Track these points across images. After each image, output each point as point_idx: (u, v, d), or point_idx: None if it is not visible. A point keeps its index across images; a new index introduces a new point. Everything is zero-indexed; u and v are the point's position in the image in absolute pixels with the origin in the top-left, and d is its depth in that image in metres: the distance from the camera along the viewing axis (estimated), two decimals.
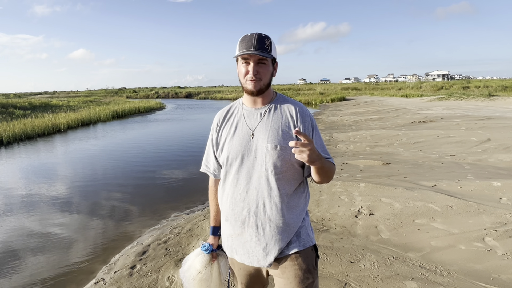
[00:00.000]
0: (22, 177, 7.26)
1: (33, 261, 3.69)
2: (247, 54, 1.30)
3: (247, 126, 1.39)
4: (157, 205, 5.30)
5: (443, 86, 35.68)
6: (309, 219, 1.48)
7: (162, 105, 31.69)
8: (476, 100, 19.73)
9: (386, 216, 3.90)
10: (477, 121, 10.93)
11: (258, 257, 1.37)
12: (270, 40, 1.34)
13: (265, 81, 1.34)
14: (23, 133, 12.56)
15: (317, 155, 1.20)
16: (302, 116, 1.37)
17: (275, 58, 1.38)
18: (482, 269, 2.76)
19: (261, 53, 1.30)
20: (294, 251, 1.36)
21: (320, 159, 1.22)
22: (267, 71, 1.34)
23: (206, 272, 1.50)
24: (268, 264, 1.36)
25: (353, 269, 2.86)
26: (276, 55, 1.39)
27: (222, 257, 1.55)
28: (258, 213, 1.34)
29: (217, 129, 1.48)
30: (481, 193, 4.46)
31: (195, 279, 1.50)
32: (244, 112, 1.42)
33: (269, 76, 1.37)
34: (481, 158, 6.62)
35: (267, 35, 1.34)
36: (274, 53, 1.36)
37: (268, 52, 1.32)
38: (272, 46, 1.35)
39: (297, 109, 1.39)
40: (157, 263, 3.33)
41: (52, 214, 5.07)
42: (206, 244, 1.54)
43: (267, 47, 1.32)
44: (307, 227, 1.42)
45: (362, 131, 10.94)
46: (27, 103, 23.97)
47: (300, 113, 1.37)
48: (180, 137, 12.92)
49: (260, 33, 1.33)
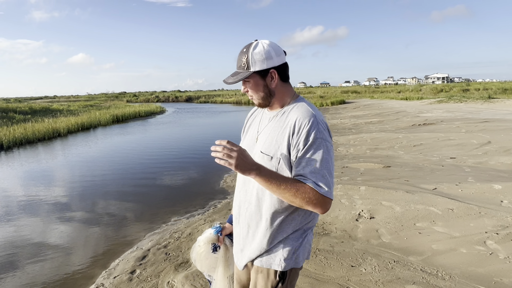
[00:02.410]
0: (21, 182, 7.25)
1: (33, 266, 3.67)
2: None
3: (257, 130, 1.39)
4: (157, 209, 5.28)
5: (443, 88, 35.71)
6: (307, 243, 1.33)
7: (163, 109, 31.72)
8: (476, 102, 19.75)
9: (386, 219, 3.88)
10: (477, 124, 10.93)
11: (237, 256, 1.41)
12: (248, 54, 1.25)
13: (259, 95, 1.31)
14: (24, 138, 12.56)
15: (251, 165, 1.14)
16: (299, 128, 1.21)
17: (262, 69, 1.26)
18: (483, 272, 2.74)
19: (231, 79, 1.28)
20: (258, 264, 1.32)
21: (259, 172, 1.14)
22: (254, 88, 1.29)
23: (205, 248, 1.52)
24: (242, 267, 1.38)
25: (354, 273, 2.85)
26: (267, 62, 1.25)
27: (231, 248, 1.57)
28: (246, 213, 1.36)
29: (243, 129, 1.53)
30: (482, 196, 4.44)
31: (194, 251, 1.55)
32: (263, 114, 1.42)
33: (261, 89, 1.29)
34: (482, 161, 6.61)
35: (250, 46, 1.27)
36: (258, 64, 1.25)
37: (245, 69, 1.26)
38: (253, 59, 1.24)
39: (297, 120, 1.22)
40: (157, 268, 3.31)
41: (51, 219, 5.06)
42: (217, 225, 1.58)
43: (244, 65, 1.26)
44: (296, 249, 1.29)
45: (362, 134, 10.94)
46: (28, 108, 24.01)
47: (297, 124, 1.22)
48: (180, 141, 12.92)
49: (243, 48, 1.28)
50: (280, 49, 1.29)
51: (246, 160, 1.14)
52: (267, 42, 1.28)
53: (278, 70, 1.28)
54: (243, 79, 1.26)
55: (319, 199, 1.14)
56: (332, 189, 1.17)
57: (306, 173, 1.16)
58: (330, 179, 1.17)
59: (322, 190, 1.14)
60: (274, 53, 1.26)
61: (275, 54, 1.26)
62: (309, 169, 1.17)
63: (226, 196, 5.76)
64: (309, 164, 1.17)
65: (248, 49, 1.26)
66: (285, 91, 1.33)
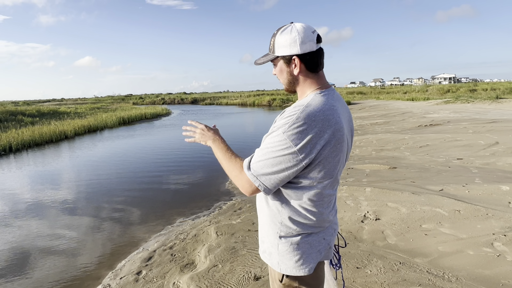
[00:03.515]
0: (29, 184, 7.34)
1: (40, 266, 3.72)
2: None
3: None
4: (163, 210, 5.32)
5: (449, 89, 35.39)
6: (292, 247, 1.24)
7: (168, 111, 31.92)
8: (484, 103, 19.53)
9: (392, 221, 3.86)
10: (485, 124, 10.81)
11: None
12: (274, 37, 1.24)
13: (284, 80, 1.30)
14: (32, 140, 12.74)
15: (208, 137, 1.37)
16: (281, 117, 1.19)
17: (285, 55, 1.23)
18: (491, 274, 2.71)
19: (261, 59, 1.31)
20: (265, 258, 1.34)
21: (213, 142, 1.35)
22: (279, 72, 1.30)
23: None
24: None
25: (360, 274, 2.84)
26: (290, 49, 1.21)
27: None
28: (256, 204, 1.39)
29: None
30: (490, 197, 4.39)
31: None
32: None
33: (286, 76, 1.27)
34: (489, 162, 6.54)
35: (280, 28, 1.25)
36: (282, 50, 1.23)
37: (271, 52, 1.27)
38: (278, 42, 1.23)
39: (286, 111, 1.19)
40: (163, 269, 3.33)
41: (59, 220, 5.12)
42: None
43: (271, 47, 1.26)
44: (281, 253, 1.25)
45: (368, 135, 10.89)
46: (36, 111, 24.33)
47: (281, 115, 1.20)
48: (185, 143, 12.96)
49: (277, 30, 1.27)
50: (311, 36, 1.19)
51: (206, 134, 1.38)
52: (298, 26, 1.20)
53: (302, 58, 1.21)
54: (268, 61, 1.29)
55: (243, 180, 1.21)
56: (256, 171, 1.16)
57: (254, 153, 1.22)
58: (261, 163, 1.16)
59: (248, 172, 1.19)
60: (300, 40, 1.18)
61: (301, 41, 1.18)
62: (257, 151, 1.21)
63: (231, 197, 5.78)
64: (261, 147, 1.20)
65: (276, 32, 1.24)
66: (308, 82, 1.25)
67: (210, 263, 3.25)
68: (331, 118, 1.14)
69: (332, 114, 1.15)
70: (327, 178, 1.19)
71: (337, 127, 1.14)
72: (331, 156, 1.16)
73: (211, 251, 3.52)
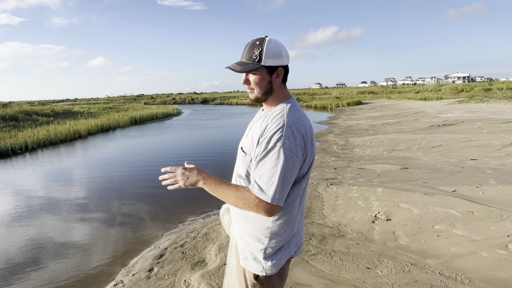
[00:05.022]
0: (43, 182, 7.52)
1: (55, 263, 3.81)
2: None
3: (249, 127, 1.44)
4: (174, 209, 5.38)
5: (463, 88, 34.68)
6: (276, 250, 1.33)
7: (179, 111, 32.18)
8: (499, 102, 19.08)
9: (404, 221, 3.82)
10: (500, 124, 10.58)
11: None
12: (262, 47, 1.25)
13: (259, 90, 1.31)
14: (47, 139, 13.03)
15: (196, 178, 1.26)
16: (266, 131, 1.23)
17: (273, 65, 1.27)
18: (505, 277, 2.66)
19: (239, 67, 1.28)
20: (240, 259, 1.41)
21: (204, 183, 1.26)
22: (259, 81, 1.29)
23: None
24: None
25: (370, 275, 2.82)
26: (278, 60, 1.28)
27: None
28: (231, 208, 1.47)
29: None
30: (505, 199, 4.31)
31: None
32: (259, 112, 1.46)
33: (264, 85, 1.30)
34: (504, 163, 6.40)
35: (263, 40, 1.27)
36: (270, 61, 1.26)
37: (255, 61, 1.26)
38: (266, 53, 1.25)
39: (267, 125, 1.25)
40: (174, 266, 3.38)
41: (72, 218, 5.23)
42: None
43: (256, 57, 1.26)
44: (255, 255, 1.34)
45: (379, 135, 10.78)
46: (50, 110, 24.85)
47: (267, 127, 1.24)
48: (196, 142, 13.07)
49: (254, 40, 1.29)
50: (287, 51, 1.34)
51: (191, 175, 1.27)
52: (278, 41, 1.31)
53: (284, 70, 1.33)
54: (252, 71, 1.27)
55: (259, 204, 1.19)
56: (277, 194, 1.18)
57: (255, 176, 1.22)
58: (276, 186, 1.17)
59: (263, 196, 1.18)
60: (285, 53, 1.30)
61: (285, 54, 1.31)
62: (258, 173, 1.21)
63: None
64: (259, 169, 1.21)
65: (262, 43, 1.26)
66: (281, 92, 1.35)
67: (221, 261, 3.28)
68: (306, 123, 1.29)
69: (306, 119, 1.31)
70: (307, 175, 1.32)
71: (311, 129, 1.32)
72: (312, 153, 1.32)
73: (222, 250, 3.56)
